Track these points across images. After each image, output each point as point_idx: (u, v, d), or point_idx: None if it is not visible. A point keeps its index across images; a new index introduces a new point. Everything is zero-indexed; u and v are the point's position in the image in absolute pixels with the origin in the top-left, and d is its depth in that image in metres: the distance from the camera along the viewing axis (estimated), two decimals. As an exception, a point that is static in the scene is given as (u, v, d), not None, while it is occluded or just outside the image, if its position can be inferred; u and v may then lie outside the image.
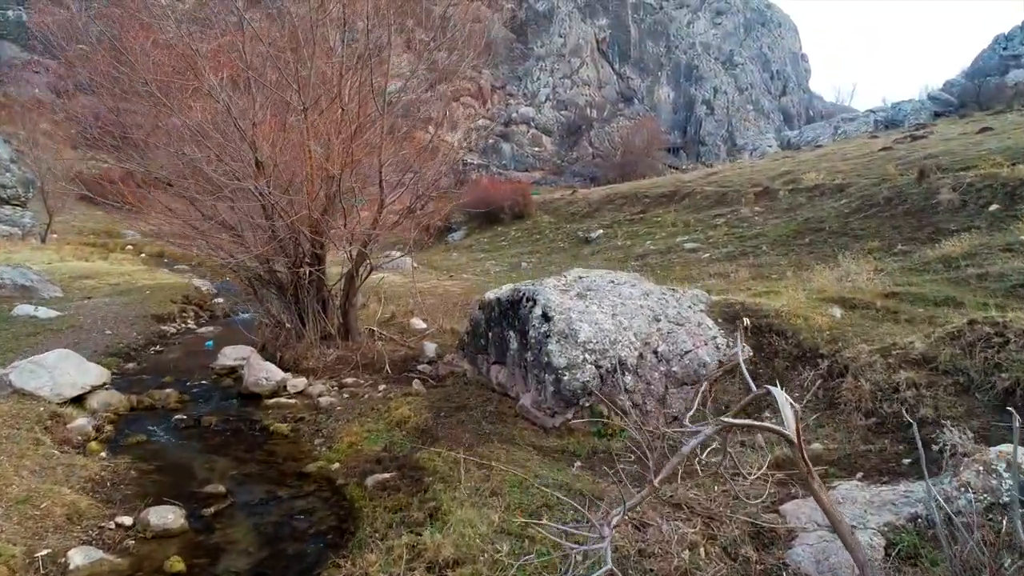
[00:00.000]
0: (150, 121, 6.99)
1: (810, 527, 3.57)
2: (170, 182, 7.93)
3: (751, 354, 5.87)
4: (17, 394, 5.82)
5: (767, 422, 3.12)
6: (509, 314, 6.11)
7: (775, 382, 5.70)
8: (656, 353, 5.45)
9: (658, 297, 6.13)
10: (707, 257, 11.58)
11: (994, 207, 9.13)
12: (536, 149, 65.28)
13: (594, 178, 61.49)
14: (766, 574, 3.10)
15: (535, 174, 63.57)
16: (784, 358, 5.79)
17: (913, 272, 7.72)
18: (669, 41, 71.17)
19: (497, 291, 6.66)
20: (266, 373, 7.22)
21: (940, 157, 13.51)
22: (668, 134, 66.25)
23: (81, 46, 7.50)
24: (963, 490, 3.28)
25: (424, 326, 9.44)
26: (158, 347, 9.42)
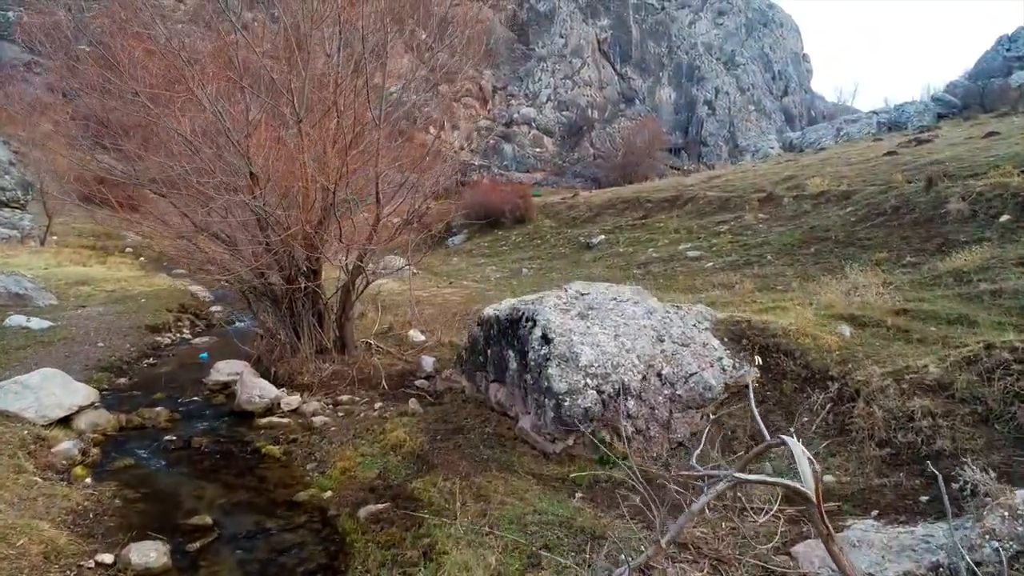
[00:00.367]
0: (140, 132, 6.82)
1: (824, 572, 3.38)
2: (163, 193, 7.75)
3: (758, 375, 5.69)
4: (1, 416, 5.65)
5: (784, 478, 2.92)
6: (508, 333, 5.93)
7: (783, 405, 5.55)
8: (660, 376, 5.26)
9: (662, 316, 5.94)
10: (711, 266, 11.39)
11: (1005, 218, 8.93)
12: (537, 150, 65.07)
13: (595, 179, 61.30)
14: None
15: (536, 175, 63.39)
16: (792, 380, 5.60)
17: (923, 286, 7.53)
18: (671, 41, 70.92)
19: (496, 307, 6.47)
20: (259, 391, 7.05)
21: (947, 163, 13.30)
22: (670, 135, 66.02)
23: (72, 53, 7.32)
24: (987, 538, 3.10)
25: (422, 338, 9.26)
26: (151, 360, 9.23)
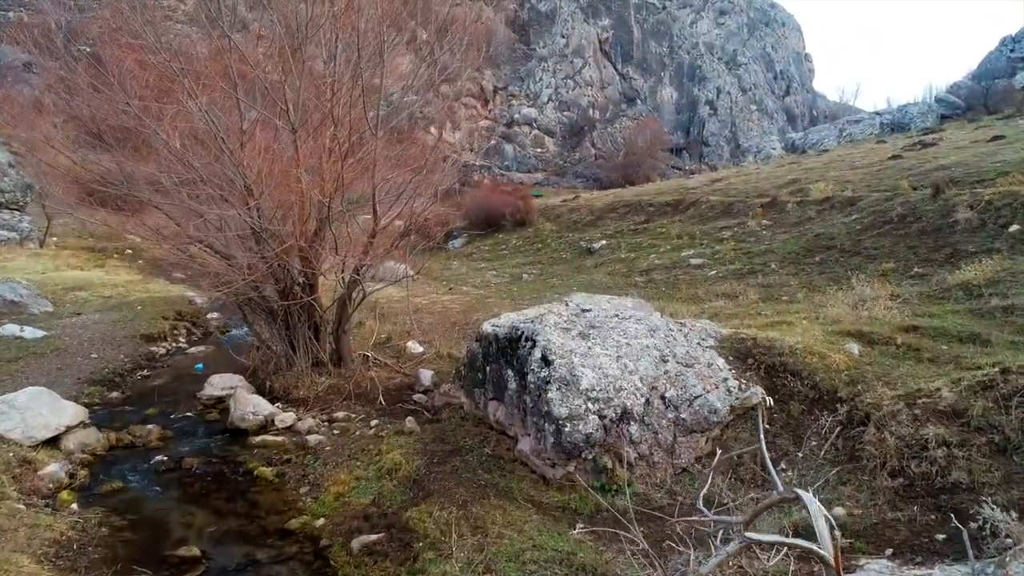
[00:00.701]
0: (131, 142, 6.67)
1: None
2: (155, 203, 7.60)
3: (763, 396, 5.53)
4: (-14, 438, 5.50)
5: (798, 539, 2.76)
6: (507, 352, 5.77)
7: (790, 428, 5.39)
8: (664, 399, 5.10)
9: (665, 334, 5.78)
10: (714, 274, 11.22)
11: (1015, 227, 8.76)
12: (538, 150, 64.91)
13: (597, 179, 61.10)
14: None
15: (537, 175, 63.22)
16: (799, 401, 5.44)
17: (932, 300, 7.36)
18: (672, 41, 70.69)
19: (495, 323, 6.30)
20: (253, 408, 6.90)
21: (953, 169, 13.13)
22: (671, 135, 65.81)
23: (64, 61, 7.17)
24: (1012, 587, 2.94)
25: (420, 350, 9.10)
26: (145, 372, 9.09)
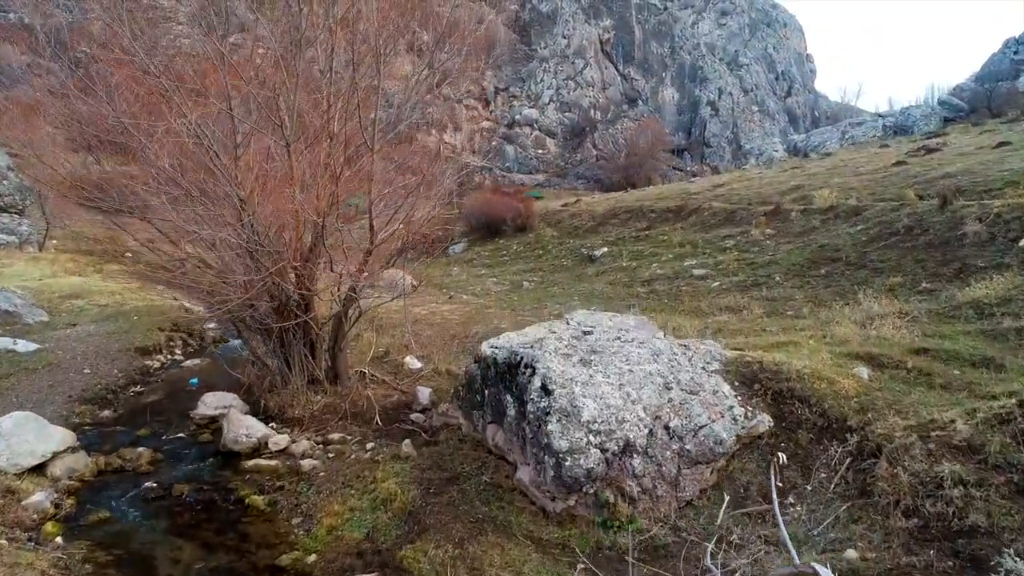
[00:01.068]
0: (122, 160, 6.52)
1: None
2: (149, 219, 7.46)
3: (771, 424, 5.36)
4: (-31, 466, 5.35)
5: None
6: (506, 377, 5.60)
7: (799, 458, 5.22)
8: (668, 429, 4.93)
9: (668, 358, 5.61)
10: (717, 286, 11.04)
11: (1025, 241, 8.58)
12: (540, 151, 64.76)
13: (598, 180, 60.95)
14: None
15: (539, 176, 63.09)
16: (808, 429, 5.27)
17: (942, 318, 7.18)
18: (673, 42, 70.48)
19: (494, 345, 6.12)
20: (246, 429, 6.74)
21: (959, 177, 12.95)
22: (672, 136, 65.62)
23: (53, 75, 7.02)
24: (1039, 652, 2.77)
25: (419, 366, 8.94)
26: (139, 387, 8.93)
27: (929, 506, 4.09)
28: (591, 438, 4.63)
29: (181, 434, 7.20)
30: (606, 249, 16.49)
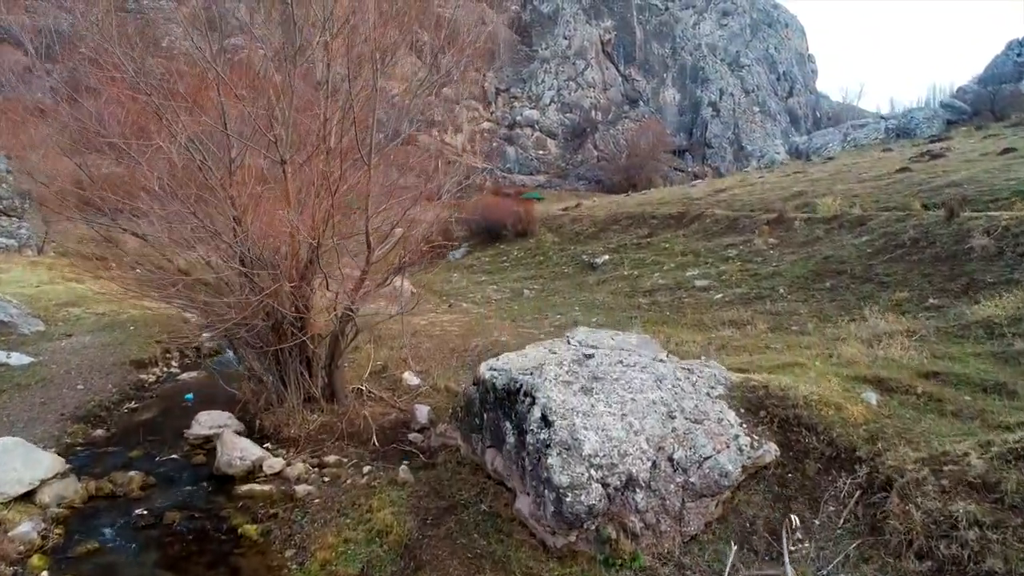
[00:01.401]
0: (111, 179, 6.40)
1: None
2: (143, 236, 7.33)
3: (777, 454, 5.22)
4: (-46, 496, 5.22)
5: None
6: (505, 404, 5.46)
7: (806, 490, 5.07)
8: (671, 460, 4.79)
9: (672, 384, 5.46)
10: (720, 298, 10.89)
11: (1034, 256, 8.43)
12: (540, 152, 64.66)
13: (599, 181, 60.84)
14: None
15: (539, 177, 63.00)
16: (815, 459, 5.12)
17: (951, 338, 7.03)
18: (675, 42, 70.32)
19: (493, 368, 5.98)
20: (240, 452, 6.60)
21: (965, 186, 12.80)
22: (674, 136, 65.51)
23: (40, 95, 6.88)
24: None
25: (417, 382, 8.80)
26: (133, 403, 8.79)
27: (944, 548, 3.95)
28: (593, 472, 4.49)
29: (175, 455, 7.06)
30: (607, 257, 16.34)
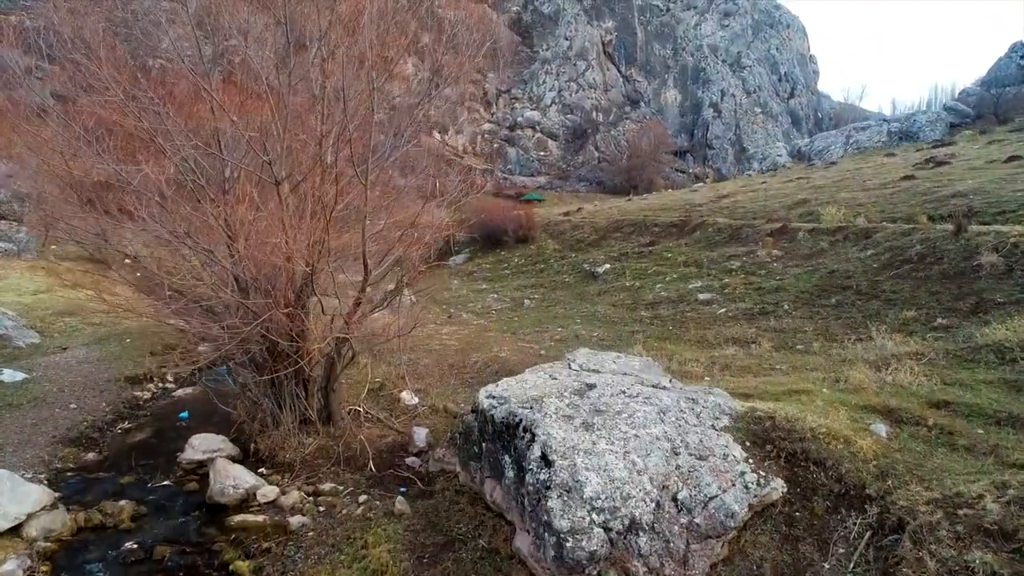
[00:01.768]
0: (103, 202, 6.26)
1: None
2: (138, 257, 7.20)
3: (784, 490, 5.06)
4: (-62, 533, 5.08)
5: None
6: (504, 437, 5.31)
7: (814, 530, 4.91)
8: (676, 501, 4.63)
9: (676, 416, 5.31)
10: (723, 313, 10.73)
11: (1044, 274, 8.27)
12: (542, 153, 64.53)
13: (600, 182, 60.69)
14: None
15: (540, 179, 62.88)
16: (824, 496, 4.96)
17: (961, 362, 6.87)
18: (676, 43, 70.13)
19: (492, 396, 5.83)
20: (233, 480, 6.46)
21: (971, 196, 12.63)
22: (675, 137, 65.32)
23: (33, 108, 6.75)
24: None
25: (415, 402, 8.65)
26: (127, 423, 8.65)
27: (959, 601, 3.80)
28: (595, 517, 4.34)
29: (167, 481, 6.92)
30: (608, 266, 16.18)
